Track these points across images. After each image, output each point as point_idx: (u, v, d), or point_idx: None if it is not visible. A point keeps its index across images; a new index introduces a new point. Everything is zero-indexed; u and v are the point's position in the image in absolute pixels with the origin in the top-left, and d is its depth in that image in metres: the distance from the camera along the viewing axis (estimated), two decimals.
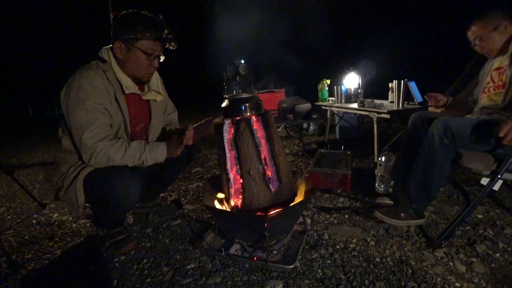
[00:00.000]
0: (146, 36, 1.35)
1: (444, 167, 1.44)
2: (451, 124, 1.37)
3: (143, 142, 1.42)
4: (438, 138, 1.39)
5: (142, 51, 1.36)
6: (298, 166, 2.86)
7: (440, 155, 1.41)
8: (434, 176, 1.46)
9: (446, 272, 1.23)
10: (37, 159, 4.00)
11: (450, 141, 1.37)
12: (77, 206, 1.39)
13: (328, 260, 1.34)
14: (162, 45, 1.40)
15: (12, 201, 2.40)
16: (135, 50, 1.36)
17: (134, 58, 1.38)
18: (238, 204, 1.32)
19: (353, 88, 3.35)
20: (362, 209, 1.84)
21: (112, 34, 1.39)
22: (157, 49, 1.40)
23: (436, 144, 1.40)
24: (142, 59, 1.39)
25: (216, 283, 1.24)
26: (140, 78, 1.46)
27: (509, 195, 1.92)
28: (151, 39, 1.36)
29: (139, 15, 1.37)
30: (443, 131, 1.37)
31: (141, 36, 1.34)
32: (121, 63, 1.41)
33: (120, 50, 1.38)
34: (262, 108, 1.37)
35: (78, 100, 1.29)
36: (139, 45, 1.35)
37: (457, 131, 1.35)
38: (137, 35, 1.34)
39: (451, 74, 3.68)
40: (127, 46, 1.36)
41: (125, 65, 1.41)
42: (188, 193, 2.30)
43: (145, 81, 1.51)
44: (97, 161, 1.32)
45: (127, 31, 1.34)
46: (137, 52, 1.37)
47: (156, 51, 1.39)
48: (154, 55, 1.40)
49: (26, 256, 1.54)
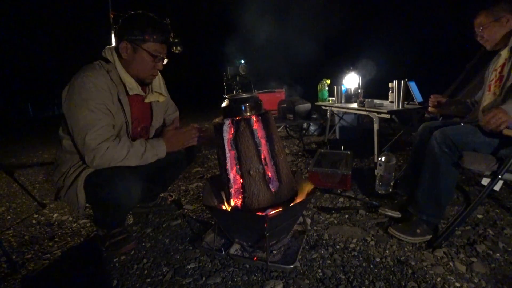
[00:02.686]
0: (154, 39, 1.36)
1: (448, 173, 1.44)
2: (449, 132, 1.41)
3: (144, 140, 1.43)
4: (438, 147, 1.42)
5: (148, 52, 1.37)
6: (298, 166, 2.86)
7: (442, 161, 1.42)
8: (441, 183, 1.45)
9: (446, 272, 1.23)
10: (37, 159, 4.00)
11: (450, 149, 1.40)
12: (78, 207, 1.39)
13: (328, 260, 1.34)
14: (167, 48, 1.42)
15: (12, 201, 2.40)
16: (141, 51, 1.37)
17: (139, 59, 1.39)
18: (238, 204, 1.32)
19: (353, 88, 3.35)
20: (362, 209, 1.84)
21: (118, 34, 1.38)
22: (163, 52, 1.41)
23: (437, 154, 1.43)
24: (147, 61, 1.39)
25: (216, 283, 1.24)
26: (143, 79, 1.47)
27: (509, 195, 1.92)
28: (158, 41, 1.37)
29: (148, 17, 1.38)
30: (442, 141, 1.41)
31: (148, 38, 1.35)
32: (126, 64, 1.41)
33: (126, 51, 1.38)
34: (262, 108, 1.37)
35: (81, 100, 1.29)
36: (146, 47, 1.36)
37: (455, 139, 1.39)
38: (144, 37, 1.35)
39: (451, 74, 3.68)
40: (133, 47, 1.37)
41: (130, 65, 1.41)
42: (188, 193, 2.30)
43: (148, 82, 1.52)
44: (99, 162, 1.31)
45: (135, 32, 1.35)
46: (143, 53, 1.37)
47: (161, 53, 1.41)
48: (159, 58, 1.41)
49: (26, 256, 1.54)
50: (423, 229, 1.48)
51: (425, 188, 1.49)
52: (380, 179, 2.00)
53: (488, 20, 1.55)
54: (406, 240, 1.47)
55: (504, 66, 1.53)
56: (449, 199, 1.52)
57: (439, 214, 1.51)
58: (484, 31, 1.58)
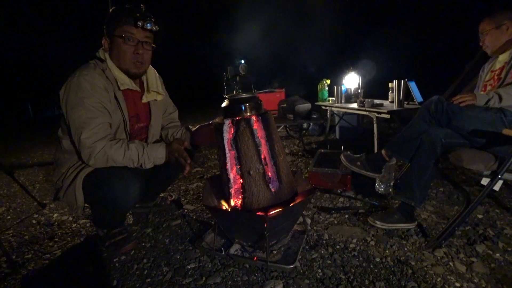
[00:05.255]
0: (122, 22, 1.35)
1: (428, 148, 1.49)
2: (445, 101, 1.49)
3: (142, 144, 1.41)
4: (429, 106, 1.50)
5: (120, 37, 1.36)
6: (298, 166, 2.86)
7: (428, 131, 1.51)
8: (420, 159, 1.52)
9: (446, 272, 1.23)
10: (37, 159, 4.00)
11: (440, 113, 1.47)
12: (77, 207, 1.39)
13: (328, 260, 1.34)
14: (141, 28, 1.36)
15: (12, 201, 2.40)
16: (115, 39, 1.37)
17: (116, 47, 1.39)
18: (238, 204, 1.32)
19: (353, 88, 3.35)
20: (362, 209, 1.84)
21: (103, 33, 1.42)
22: (135, 33, 1.37)
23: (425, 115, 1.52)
24: (123, 46, 1.37)
25: (216, 283, 1.24)
26: (128, 69, 1.42)
27: (509, 195, 1.92)
28: (127, 24, 1.35)
29: (117, 8, 1.40)
30: (437, 101, 1.49)
31: (118, 23, 1.36)
32: (112, 58, 1.42)
33: (106, 44, 1.41)
34: (262, 108, 1.37)
35: (77, 99, 1.29)
36: (117, 32, 1.36)
37: (449, 107, 1.46)
38: (115, 24, 1.36)
39: (451, 74, 3.68)
40: (110, 39, 1.39)
41: (114, 58, 1.41)
42: (188, 193, 2.30)
43: (136, 73, 1.45)
44: (96, 161, 1.32)
45: (109, 24, 1.38)
46: (117, 40, 1.37)
47: (133, 34, 1.37)
48: (133, 40, 1.37)
49: (26, 256, 1.54)
50: (399, 216, 1.56)
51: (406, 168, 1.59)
52: (380, 179, 2.00)
53: (490, 27, 1.62)
54: (383, 227, 1.56)
55: (503, 69, 1.56)
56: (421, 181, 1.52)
57: (411, 196, 1.54)
58: (485, 37, 1.66)
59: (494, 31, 1.61)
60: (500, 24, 1.59)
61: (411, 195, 1.53)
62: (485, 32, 1.65)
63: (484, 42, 1.68)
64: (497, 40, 1.62)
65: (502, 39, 1.60)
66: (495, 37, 1.62)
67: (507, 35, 1.59)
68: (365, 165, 1.79)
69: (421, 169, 1.51)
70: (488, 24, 1.64)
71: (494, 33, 1.62)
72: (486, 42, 1.67)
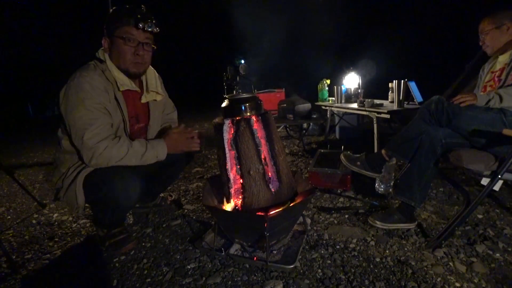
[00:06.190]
0: (122, 23, 1.36)
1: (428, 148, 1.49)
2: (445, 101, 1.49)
3: (144, 141, 1.43)
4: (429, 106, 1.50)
5: (120, 38, 1.36)
6: (298, 166, 2.86)
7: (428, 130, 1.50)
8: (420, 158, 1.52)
9: (446, 272, 1.23)
10: (37, 159, 4.00)
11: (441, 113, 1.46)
12: (77, 207, 1.39)
13: (328, 260, 1.34)
14: (141, 29, 1.37)
15: (12, 201, 2.40)
16: (115, 39, 1.38)
17: (116, 48, 1.39)
18: (238, 204, 1.32)
19: (353, 88, 3.35)
20: (362, 209, 1.84)
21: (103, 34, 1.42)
22: (136, 34, 1.37)
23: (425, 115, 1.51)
24: (123, 47, 1.38)
25: (216, 283, 1.23)
26: (128, 69, 1.42)
27: (509, 195, 1.92)
28: (127, 24, 1.36)
29: (118, 8, 1.40)
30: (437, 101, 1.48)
31: (118, 24, 1.36)
32: (112, 59, 1.42)
33: (105, 45, 1.41)
34: (262, 108, 1.37)
35: (77, 100, 1.29)
36: (117, 33, 1.36)
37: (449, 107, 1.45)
38: (115, 25, 1.36)
39: (451, 74, 3.68)
40: (110, 39, 1.39)
41: (114, 59, 1.41)
42: (188, 193, 2.30)
43: (135, 73, 1.45)
44: (98, 161, 1.32)
45: (109, 25, 1.38)
46: (117, 41, 1.37)
47: (134, 35, 1.37)
48: (133, 41, 1.38)
49: (26, 256, 1.54)
50: (399, 216, 1.56)
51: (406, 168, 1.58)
52: (380, 179, 2.00)
53: (490, 27, 1.62)
54: (383, 227, 1.56)
55: (503, 71, 1.56)
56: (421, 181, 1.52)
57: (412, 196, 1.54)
58: (485, 37, 1.65)
59: (494, 31, 1.61)
60: (500, 24, 1.59)
61: (411, 195, 1.53)
62: (485, 32, 1.64)
63: (484, 42, 1.67)
64: (497, 40, 1.61)
65: (503, 39, 1.60)
66: (495, 37, 1.61)
67: (507, 35, 1.58)
68: (365, 165, 1.78)
69: (421, 169, 1.51)
70: (488, 24, 1.63)
71: (494, 33, 1.61)
72: (486, 42, 1.66)
